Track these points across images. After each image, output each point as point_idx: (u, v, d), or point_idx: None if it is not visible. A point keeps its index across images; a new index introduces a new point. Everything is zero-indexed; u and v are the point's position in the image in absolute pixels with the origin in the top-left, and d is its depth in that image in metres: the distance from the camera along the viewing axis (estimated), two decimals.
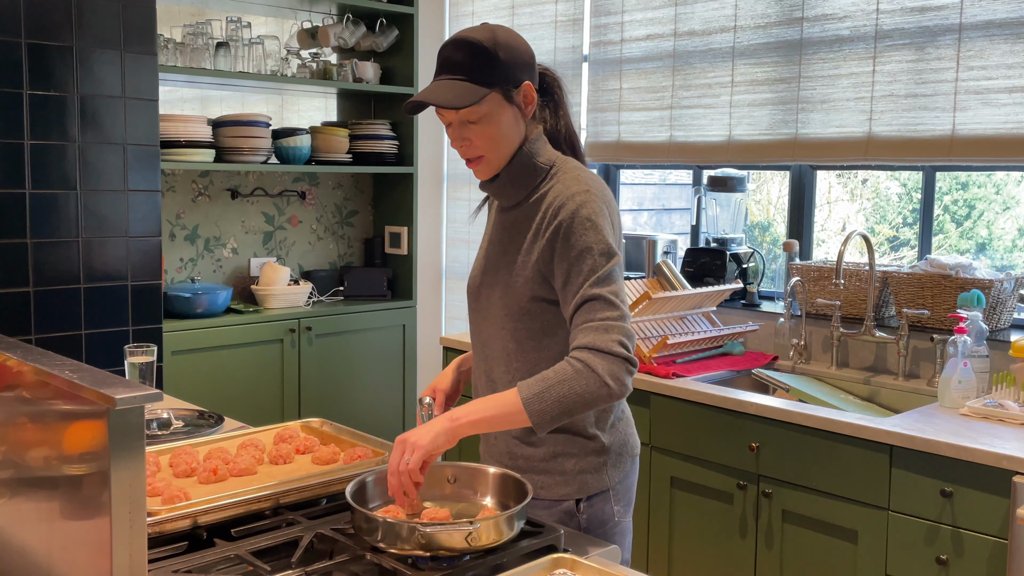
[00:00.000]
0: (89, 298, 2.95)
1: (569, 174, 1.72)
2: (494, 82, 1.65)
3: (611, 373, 1.58)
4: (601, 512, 1.77)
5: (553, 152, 1.76)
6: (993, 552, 2.18)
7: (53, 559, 1.19)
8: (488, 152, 1.71)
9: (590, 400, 1.58)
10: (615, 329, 1.60)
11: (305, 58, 4.09)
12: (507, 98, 1.68)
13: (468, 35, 1.66)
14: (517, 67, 1.68)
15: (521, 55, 1.69)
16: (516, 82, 1.68)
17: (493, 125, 1.68)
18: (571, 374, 1.58)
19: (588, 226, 1.65)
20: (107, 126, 2.95)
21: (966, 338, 2.58)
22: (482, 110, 1.66)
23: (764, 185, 3.76)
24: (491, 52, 1.64)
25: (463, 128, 1.69)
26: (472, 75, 1.64)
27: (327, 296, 4.20)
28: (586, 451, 1.75)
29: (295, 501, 1.60)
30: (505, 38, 1.67)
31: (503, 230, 1.79)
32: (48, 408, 1.17)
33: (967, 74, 2.81)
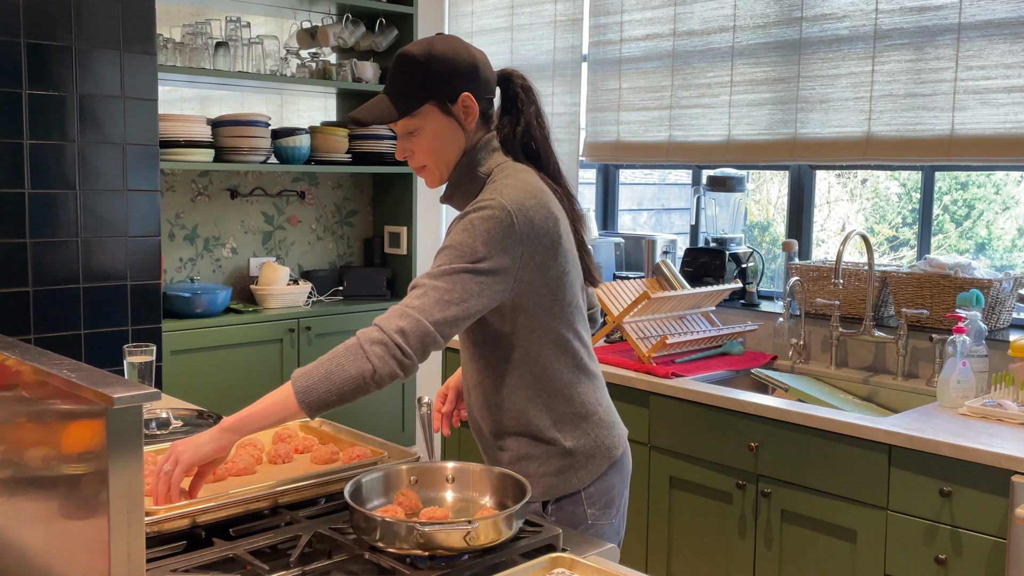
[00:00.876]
0: (88, 298, 2.95)
1: (498, 182, 1.69)
2: (426, 95, 1.68)
3: (376, 353, 1.53)
4: (572, 515, 1.76)
5: (498, 160, 1.74)
6: (992, 552, 2.18)
7: (51, 558, 1.19)
8: (429, 162, 1.74)
9: (356, 375, 1.52)
10: (406, 316, 1.56)
11: (304, 58, 4.09)
12: (443, 110, 1.70)
13: (406, 49, 1.71)
14: (453, 78, 1.69)
15: (458, 66, 1.69)
16: (452, 93, 1.70)
17: (430, 137, 1.71)
18: (341, 350, 1.55)
19: (464, 227, 1.62)
20: (106, 126, 2.95)
21: (965, 338, 2.58)
22: (416, 123, 1.70)
23: (763, 185, 3.76)
24: (422, 65, 1.68)
25: (406, 140, 1.73)
26: (403, 88, 1.69)
27: (326, 296, 4.20)
28: (548, 455, 1.75)
29: (294, 501, 1.60)
30: (443, 49, 1.69)
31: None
32: (47, 407, 1.17)
33: (966, 74, 2.81)
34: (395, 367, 1.54)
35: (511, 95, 1.78)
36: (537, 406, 1.74)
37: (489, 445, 1.82)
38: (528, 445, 1.76)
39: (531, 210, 1.65)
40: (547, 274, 1.68)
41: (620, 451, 1.83)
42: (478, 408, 1.82)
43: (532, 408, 1.74)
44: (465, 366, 1.83)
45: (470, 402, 1.84)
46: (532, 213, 1.65)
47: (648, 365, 2.96)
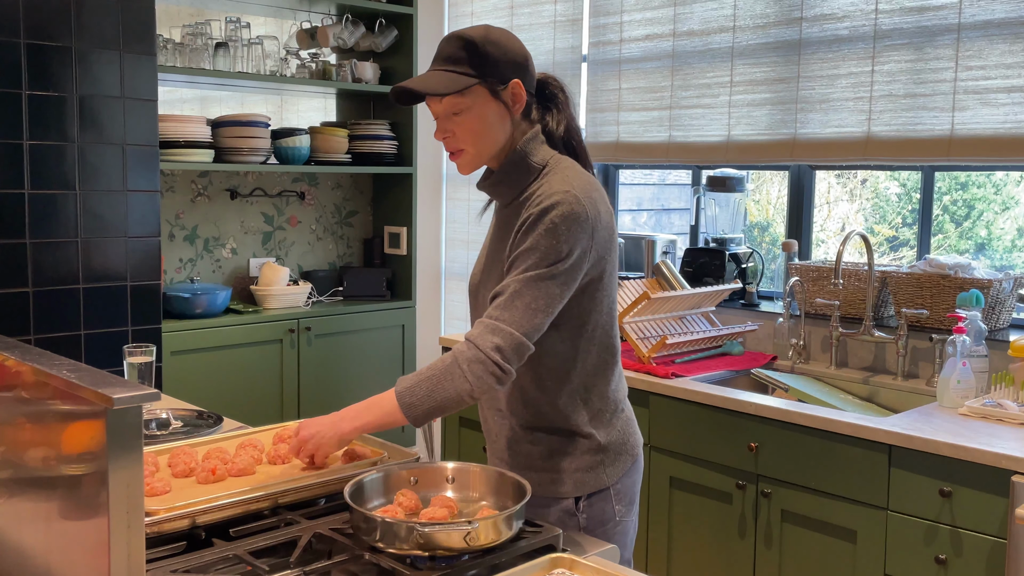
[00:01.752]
0: (88, 298, 2.95)
1: (559, 174, 1.70)
2: (480, 75, 1.66)
3: (474, 371, 1.58)
4: (602, 512, 1.76)
5: (549, 152, 1.74)
6: (992, 552, 2.18)
7: (51, 559, 1.19)
8: (469, 146, 1.71)
9: (454, 394, 1.59)
10: (499, 332, 1.59)
11: (304, 58, 4.09)
12: (493, 93, 1.69)
13: (462, 31, 1.69)
14: (505, 64, 1.68)
15: (511, 54, 1.70)
16: (503, 78, 1.68)
17: (476, 118, 1.69)
18: (441, 368, 1.61)
19: (547, 229, 1.62)
20: (106, 126, 2.95)
21: (965, 338, 2.58)
22: (465, 102, 1.67)
23: (763, 185, 3.76)
24: (479, 46, 1.66)
25: (448, 120, 1.71)
26: (458, 66, 1.67)
27: (326, 296, 4.20)
28: (582, 449, 1.75)
29: (294, 501, 1.60)
30: (497, 36, 1.69)
31: (498, 228, 1.80)
32: (46, 408, 1.17)
33: (966, 74, 2.81)
34: (493, 383, 1.60)
35: (549, 95, 1.79)
36: (576, 401, 1.74)
37: (515, 439, 1.78)
38: (562, 440, 1.75)
39: (598, 202, 1.69)
40: (603, 268, 1.71)
41: (639, 448, 1.85)
42: (510, 402, 1.78)
43: (572, 403, 1.74)
44: None
45: (494, 397, 1.81)
46: (600, 206, 1.69)
47: (648, 365, 2.96)
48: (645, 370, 2.93)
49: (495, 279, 1.75)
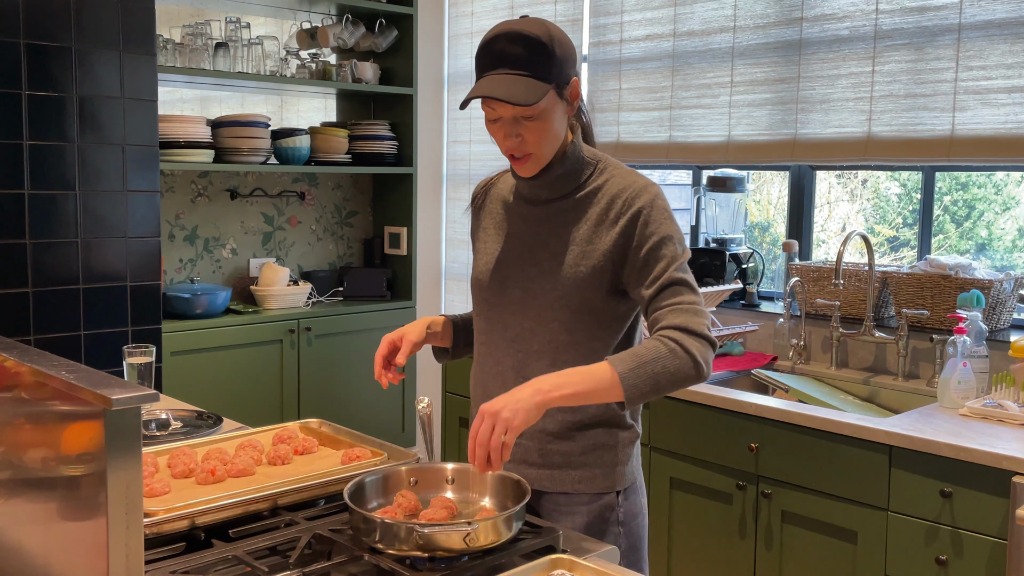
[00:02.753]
0: (88, 299, 2.95)
1: (619, 167, 1.75)
2: (551, 78, 1.62)
3: (702, 354, 1.58)
4: (635, 504, 1.77)
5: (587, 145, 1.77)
6: (992, 552, 2.18)
7: (50, 560, 1.19)
8: (537, 149, 1.67)
9: (680, 380, 1.57)
10: (702, 314, 1.62)
11: (304, 58, 4.09)
12: (559, 94, 1.65)
13: (523, 29, 1.61)
14: (568, 63, 1.66)
15: (571, 50, 1.67)
16: (567, 78, 1.66)
17: (547, 122, 1.65)
18: (665, 352, 1.55)
19: (667, 216, 1.67)
20: (106, 127, 2.95)
21: (966, 338, 2.58)
22: (539, 106, 1.62)
23: (764, 185, 3.75)
24: (548, 48, 1.61)
25: (516, 125, 1.64)
26: (534, 70, 1.61)
27: (326, 296, 4.20)
28: (623, 442, 1.75)
29: (293, 502, 1.60)
30: (558, 33, 1.65)
31: (538, 222, 1.74)
32: (45, 409, 1.17)
33: (966, 74, 2.80)
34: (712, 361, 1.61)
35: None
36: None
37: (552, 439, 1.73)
38: (606, 434, 1.73)
39: None
40: None
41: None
42: None
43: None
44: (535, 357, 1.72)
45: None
46: None
47: None
48: None
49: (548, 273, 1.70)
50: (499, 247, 1.80)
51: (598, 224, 1.69)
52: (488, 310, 1.79)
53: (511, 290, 1.75)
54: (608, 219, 1.68)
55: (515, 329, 1.75)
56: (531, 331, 1.73)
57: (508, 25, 1.63)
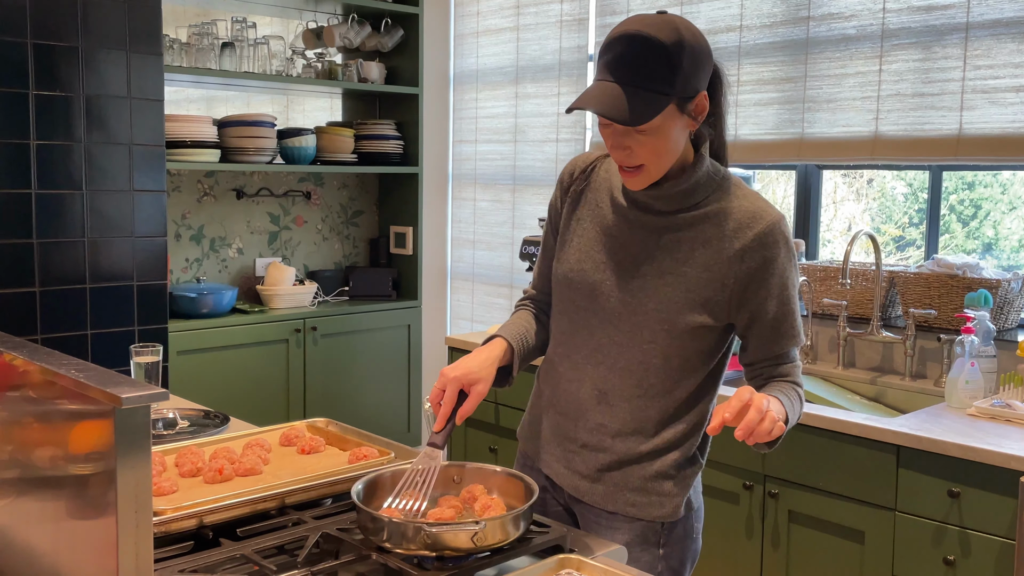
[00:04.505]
0: (95, 298, 2.96)
1: (743, 187, 1.61)
2: (671, 92, 1.46)
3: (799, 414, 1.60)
4: (682, 528, 1.68)
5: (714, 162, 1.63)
6: (1001, 553, 2.17)
7: (59, 559, 1.19)
8: (650, 163, 1.53)
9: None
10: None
11: (310, 58, 4.09)
12: (680, 108, 1.50)
13: (652, 33, 1.44)
14: (697, 76, 1.49)
15: (703, 59, 1.49)
16: (691, 92, 1.49)
17: (662, 138, 1.50)
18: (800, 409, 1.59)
19: (795, 261, 1.59)
20: (113, 126, 2.95)
21: (973, 338, 2.57)
22: (655, 123, 1.48)
23: (770, 185, 3.75)
24: (675, 59, 1.45)
25: (626, 136, 1.51)
26: (650, 82, 1.45)
27: (332, 296, 4.20)
28: (687, 474, 1.66)
29: (301, 501, 1.59)
30: (691, 40, 1.47)
31: (646, 232, 1.61)
32: (54, 408, 1.17)
33: (974, 73, 2.80)
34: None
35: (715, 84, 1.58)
36: (701, 426, 1.67)
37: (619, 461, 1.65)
38: (675, 464, 1.64)
39: None
40: None
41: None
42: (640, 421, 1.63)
43: (700, 425, 1.66)
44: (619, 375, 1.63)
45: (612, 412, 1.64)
46: None
47: None
48: None
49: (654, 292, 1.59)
50: (599, 247, 1.65)
51: (720, 252, 1.56)
52: (574, 312, 1.68)
53: (606, 298, 1.62)
54: (733, 250, 1.55)
55: (602, 340, 1.64)
56: (620, 346, 1.62)
57: (637, 24, 1.47)
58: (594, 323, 1.64)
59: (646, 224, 1.61)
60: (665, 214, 1.60)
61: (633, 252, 1.61)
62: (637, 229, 1.62)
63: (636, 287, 1.60)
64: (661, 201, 1.59)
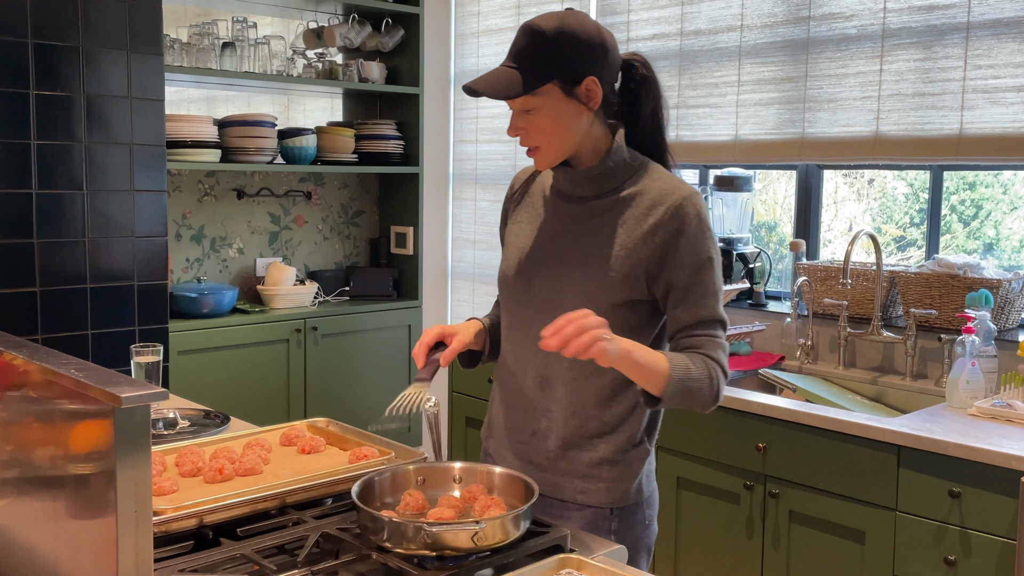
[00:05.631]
0: (95, 298, 2.96)
1: (661, 171, 1.70)
2: (550, 75, 1.59)
3: (720, 393, 1.65)
4: (634, 516, 1.73)
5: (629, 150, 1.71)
6: (1002, 553, 2.17)
7: (59, 558, 1.19)
8: (544, 144, 1.65)
9: (698, 405, 1.63)
10: (726, 351, 1.67)
11: (311, 58, 4.09)
12: (565, 91, 1.61)
13: (535, 22, 1.61)
14: (579, 60, 1.60)
15: (587, 48, 1.61)
16: (576, 76, 1.61)
17: (548, 118, 1.62)
18: (707, 379, 1.61)
19: (708, 233, 1.65)
20: (113, 126, 2.95)
21: (974, 338, 2.57)
22: (535, 101, 1.61)
23: (771, 185, 3.75)
24: (551, 42, 1.58)
25: (520, 117, 1.64)
26: (527, 65, 1.59)
27: (333, 296, 4.20)
28: (632, 459, 1.71)
29: (301, 500, 1.60)
30: (573, 28, 1.60)
31: (571, 220, 1.72)
32: (54, 407, 1.17)
33: (975, 73, 2.79)
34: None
35: (635, 77, 1.71)
36: (643, 408, 1.71)
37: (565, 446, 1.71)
38: (616, 449, 1.70)
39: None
40: None
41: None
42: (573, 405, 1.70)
43: (640, 408, 1.71)
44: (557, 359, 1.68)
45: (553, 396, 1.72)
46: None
47: None
48: None
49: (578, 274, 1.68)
50: (530, 242, 1.76)
51: (635, 229, 1.65)
52: (513, 306, 1.77)
53: (539, 289, 1.72)
54: (647, 226, 1.64)
55: (539, 329, 1.67)
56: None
57: (537, 17, 1.63)
58: (531, 314, 1.73)
59: (571, 213, 1.73)
60: (585, 200, 1.71)
61: (562, 242, 1.72)
62: (565, 220, 1.73)
63: (564, 273, 1.69)
64: (580, 187, 1.71)
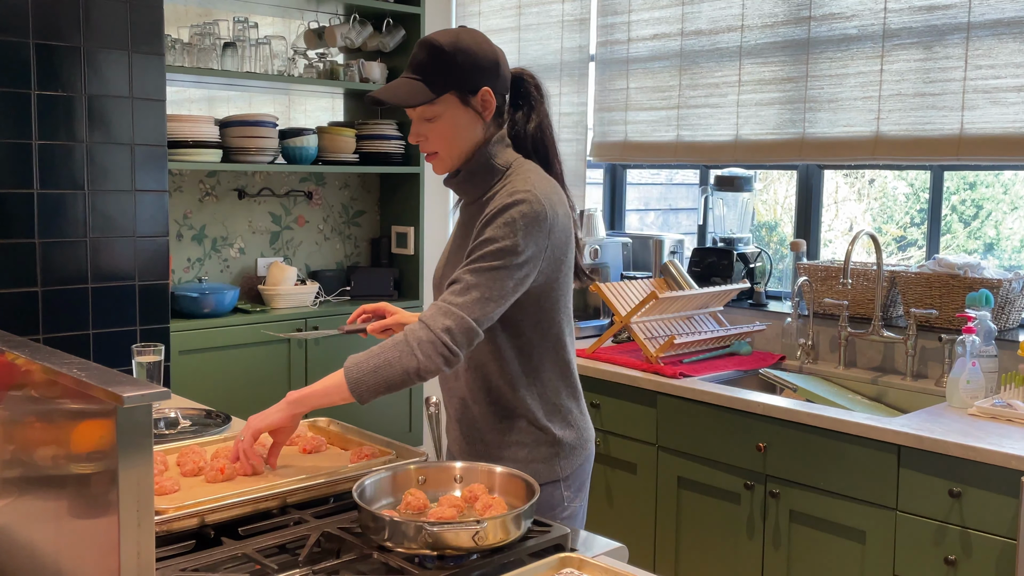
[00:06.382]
0: (97, 298, 2.96)
1: (521, 175, 1.77)
2: (449, 85, 1.73)
3: (424, 350, 1.64)
4: (551, 497, 1.82)
5: (513, 155, 1.82)
6: (1002, 552, 2.17)
7: (61, 558, 1.19)
8: (442, 149, 1.79)
9: (401, 371, 1.64)
10: (452, 315, 1.66)
11: (312, 58, 4.10)
12: (463, 101, 1.75)
13: (433, 37, 1.74)
14: (475, 72, 1.74)
15: (482, 61, 1.75)
16: (473, 86, 1.75)
17: (447, 125, 1.76)
18: (389, 345, 1.66)
19: (506, 223, 1.69)
20: (115, 126, 2.96)
21: (974, 338, 2.57)
22: (436, 110, 1.75)
23: (771, 185, 3.75)
24: (448, 55, 1.72)
25: (421, 124, 1.78)
26: (428, 76, 1.73)
27: (334, 296, 4.20)
28: (538, 442, 1.82)
29: (302, 500, 1.60)
30: (468, 43, 1.74)
31: (461, 225, 1.87)
32: (56, 407, 1.17)
33: (975, 73, 2.80)
34: (440, 363, 1.66)
35: (523, 93, 1.85)
36: (532, 394, 1.81)
37: (475, 427, 1.85)
38: (519, 431, 1.82)
39: (556, 205, 1.76)
40: (559, 268, 1.78)
41: (592, 443, 1.93)
42: (472, 390, 1.84)
43: (528, 395, 1.81)
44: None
45: (458, 384, 1.87)
46: (558, 208, 1.76)
47: (656, 365, 2.95)
48: (653, 370, 2.93)
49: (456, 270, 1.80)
50: (445, 248, 1.94)
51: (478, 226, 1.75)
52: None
53: (442, 288, 1.85)
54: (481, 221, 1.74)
55: None
56: None
57: (431, 33, 1.77)
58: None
59: (462, 217, 1.88)
60: (467, 205, 1.85)
61: (454, 243, 1.88)
62: (458, 225, 1.89)
63: (449, 271, 1.83)
64: (462, 192, 1.86)
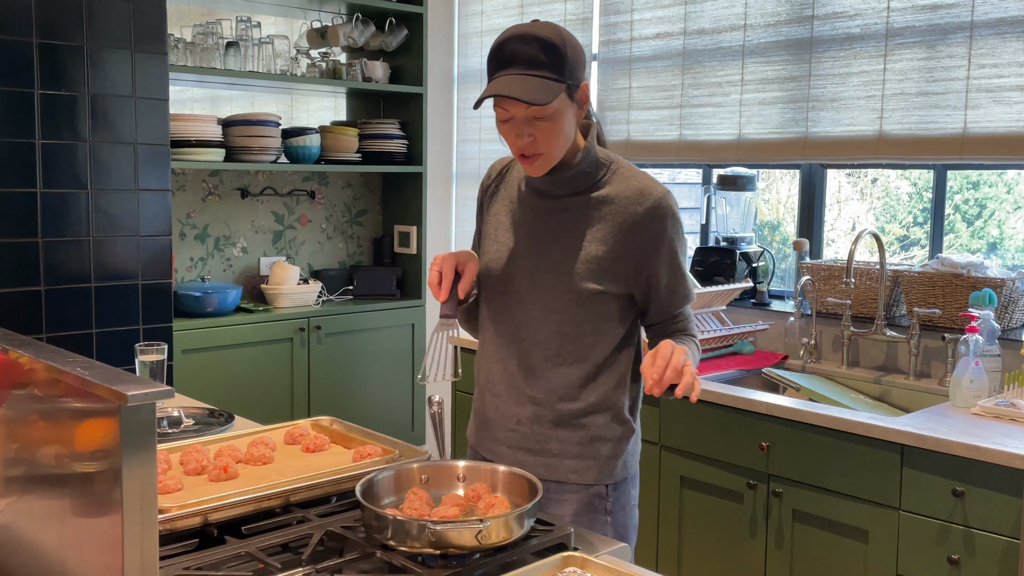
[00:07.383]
0: (100, 297, 2.96)
1: (631, 169, 1.81)
2: (564, 79, 1.65)
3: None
4: (624, 495, 1.83)
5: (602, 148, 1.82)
6: (1005, 552, 2.17)
7: (65, 556, 1.19)
8: (548, 149, 1.70)
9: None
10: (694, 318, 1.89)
11: (315, 57, 4.10)
12: (570, 96, 1.68)
13: (536, 32, 1.65)
14: (579, 66, 1.69)
15: (581, 54, 1.71)
16: (577, 81, 1.69)
17: (559, 123, 1.67)
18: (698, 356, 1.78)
19: (681, 228, 1.78)
20: (118, 126, 2.96)
21: (978, 337, 2.57)
22: (551, 107, 1.65)
23: (774, 184, 3.75)
24: (561, 50, 1.64)
25: (528, 124, 1.67)
26: (548, 71, 1.63)
27: (336, 295, 4.21)
28: (620, 436, 1.81)
29: (305, 499, 1.60)
30: (569, 37, 1.68)
31: (548, 215, 1.79)
32: (60, 406, 1.17)
33: (978, 72, 2.79)
34: None
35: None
36: (625, 386, 1.82)
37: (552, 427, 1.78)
38: (604, 426, 1.79)
39: None
40: None
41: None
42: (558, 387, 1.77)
43: (622, 388, 1.81)
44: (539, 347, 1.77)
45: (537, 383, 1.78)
46: None
47: None
48: None
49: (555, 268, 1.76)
50: (510, 236, 1.83)
51: (613, 227, 1.74)
52: (494, 297, 1.84)
53: (519, 280, 1.79)
54: (626, 225, 1.74)
55: (520, 318, 1.80)
56: (536, 320, 1.78)
57: (521, 28, 1.67)
58: (512, 304, 1.80)
59: (548, 208, 1.79)
60: (561, 197, 1.78)
61: (539, 235, 1.79)
62: (541, 214, 1.80)
63: (543, 265, 1.77)
64: (557, 186, 1.78)
